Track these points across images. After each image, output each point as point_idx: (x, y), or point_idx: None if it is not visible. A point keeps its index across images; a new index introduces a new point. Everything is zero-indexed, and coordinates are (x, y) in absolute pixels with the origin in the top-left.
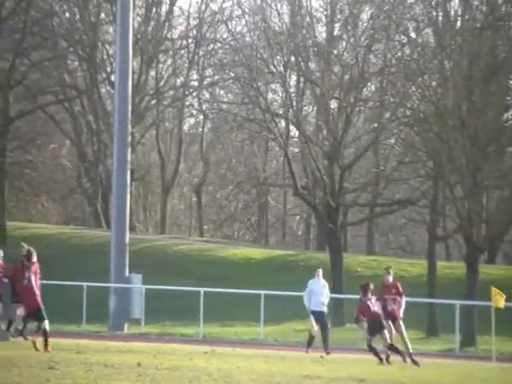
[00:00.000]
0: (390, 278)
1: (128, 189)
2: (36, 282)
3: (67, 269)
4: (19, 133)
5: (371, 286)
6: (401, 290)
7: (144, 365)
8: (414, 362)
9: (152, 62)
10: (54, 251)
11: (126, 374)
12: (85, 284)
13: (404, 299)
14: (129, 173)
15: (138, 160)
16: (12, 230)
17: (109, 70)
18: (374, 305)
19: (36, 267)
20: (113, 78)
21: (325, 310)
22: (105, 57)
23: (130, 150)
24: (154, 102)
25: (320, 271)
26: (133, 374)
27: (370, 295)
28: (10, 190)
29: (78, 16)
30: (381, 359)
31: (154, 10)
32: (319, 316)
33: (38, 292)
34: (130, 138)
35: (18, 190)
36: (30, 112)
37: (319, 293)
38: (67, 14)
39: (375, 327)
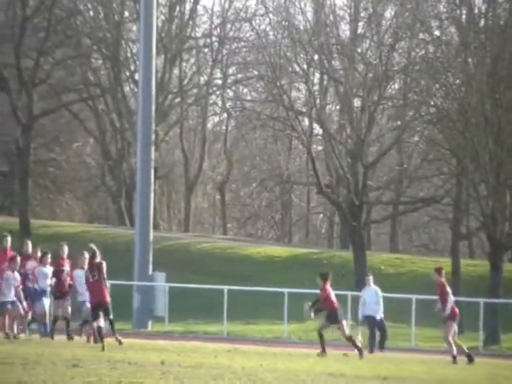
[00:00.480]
0: (438, 279)
1: (152, 187)
2: (100, 279)
3: None
4: (43, 131)
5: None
6: (445, 289)
7: (168, 363)
8: (470, 360)
9: (175, 60)
10: (77, 249)
11: (150, 371)
12: (108, 282)
13: (449, 298)
14: (152, 171)
15: (162, 158)
16: (36, 227)
17: (132, 68)
18: (333, 295)
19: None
20: (136, 76)
21: (381, 316)
22: (128, 55)
23: (153, 148)
24: (177, 100)
25: (370, 279)
26: (156, 372)
27: (329, 285)
28: (35, 187)
29: (101, 14)
30: (324, 351)
31: (177, 8)
32: (378, 323)
33: (105, 289)
34: (153, 137)
35: (42, 188)
36: (53, 110)
37: (372, 302)
38: (91, 13)
39: (334, 317)
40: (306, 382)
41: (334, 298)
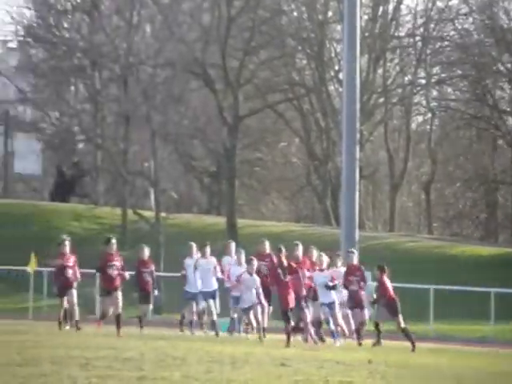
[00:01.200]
0: None
1: (357, 186)
2: (287, 281)
3: None
4: (249, 131)
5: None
6: None
7: (375, 362)
8: None
9: (379, 59)
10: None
11: (357, 370)
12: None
13: None
14: (358, 170)
15: (367, 158)
16: (242, 227)
17: (337, 68)
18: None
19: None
20: (341, 75)
21: None
22: (332, 55)
23: (358, 147)
24: (381, 99)
25: None
26: (364, 371)
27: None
28: (241, 187)
29: (305, 15)
30: (379, 342)
31: (380, 8)
32: None
33: (291, 291)
34: (358, 136)
35: (248, 188)
36: (259, 110)
37: None
38: (295, 13)
39: (393, 309)
40: None
41: (391, 291)
